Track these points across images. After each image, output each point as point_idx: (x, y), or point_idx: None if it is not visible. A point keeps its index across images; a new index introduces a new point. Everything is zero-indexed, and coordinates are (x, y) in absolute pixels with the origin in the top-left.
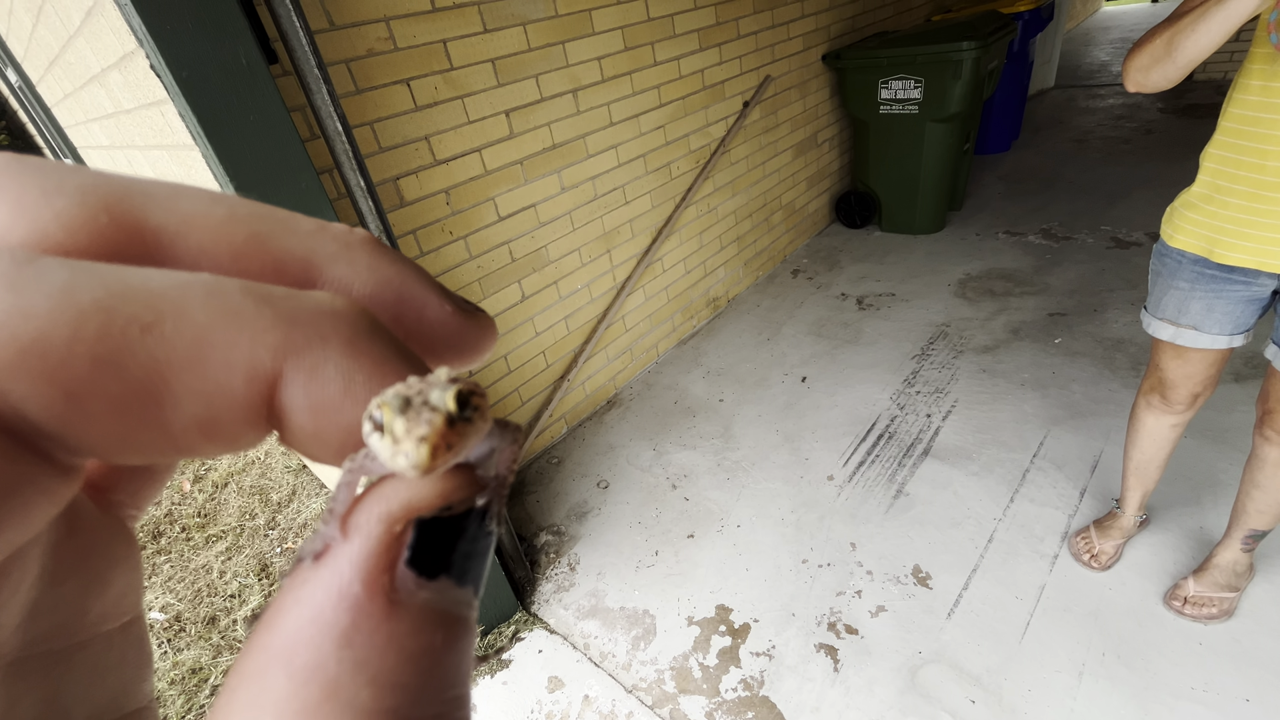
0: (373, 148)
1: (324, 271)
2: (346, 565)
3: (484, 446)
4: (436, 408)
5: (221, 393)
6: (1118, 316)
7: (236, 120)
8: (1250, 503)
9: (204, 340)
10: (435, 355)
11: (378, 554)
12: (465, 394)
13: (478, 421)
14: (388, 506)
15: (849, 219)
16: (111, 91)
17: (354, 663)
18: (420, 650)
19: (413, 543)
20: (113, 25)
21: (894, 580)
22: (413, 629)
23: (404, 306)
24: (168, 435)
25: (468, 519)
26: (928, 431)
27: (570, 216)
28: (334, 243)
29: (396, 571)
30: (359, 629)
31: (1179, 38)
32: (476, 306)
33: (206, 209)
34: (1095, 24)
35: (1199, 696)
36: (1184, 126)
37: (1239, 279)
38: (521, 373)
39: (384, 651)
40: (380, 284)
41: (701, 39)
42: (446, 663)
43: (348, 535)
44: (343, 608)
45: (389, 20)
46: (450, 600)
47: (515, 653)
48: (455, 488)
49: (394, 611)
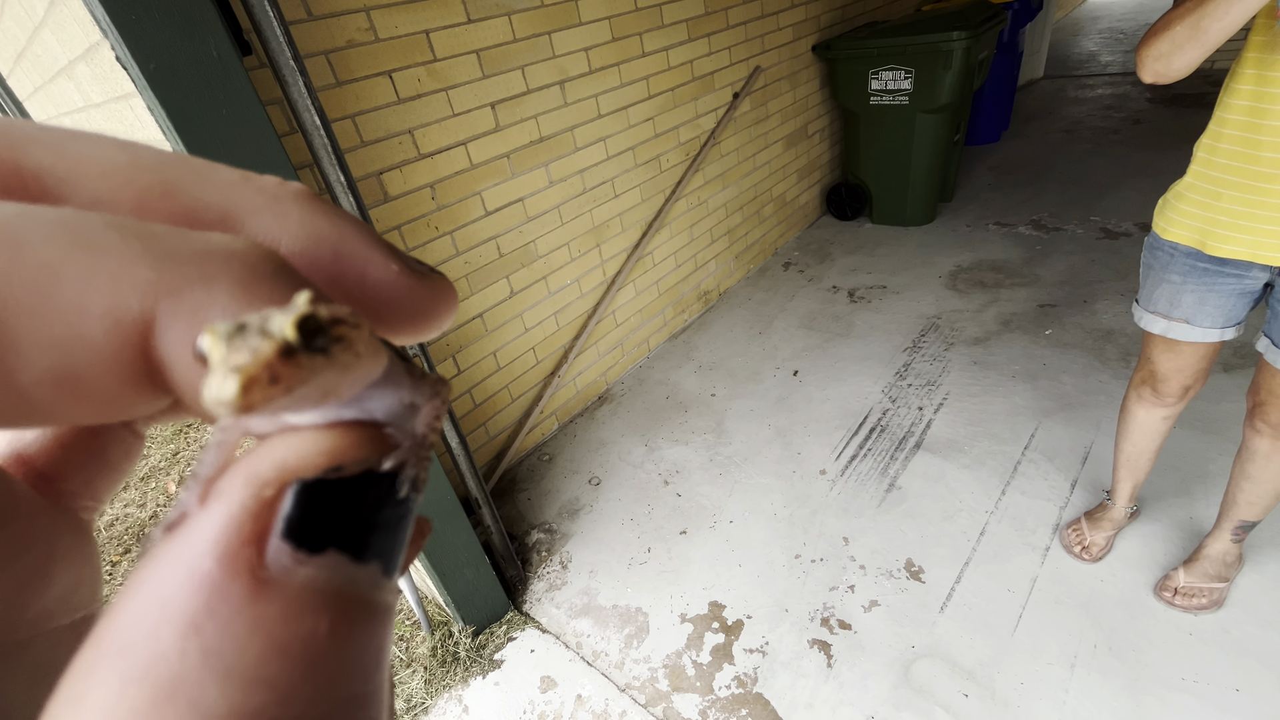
0: (354, 142)
1: (245, 226)
2: (199, 537)
3: (392, 400)
4: (270, 333)
5: (77, 341)
6: (1107, 308)
7: (208, 114)
8: (1240, 494)
9: (48, 278)
10: (383, 322)
11: (240, 523)
12: (320, 321)
13: (341, 356)
14: (256, 466)
15: (840, 211)
16: (80, 85)
17: (201, 654)
18: (296, 639)
19: (290, 510)
20: (76, 15)
21: (887, 574)
22: (286, 613)
23: (342, 266)
24: (18, 393)
25: (367, 483)
26: (920, 424)
27: (559, 211)
28: (259, 194)
29: (268, 544)
30: (212, 614)
31: (1206, 20)
32: (431, 268)
33: (104, 153)
34: (1084, 14)
35: (1190, 687)
36: (1172, 116)
37: (1231, 272)
38: (511, 369)
39: (244, 641)
40: (313, 240)
41: (690, 29)
42: (337, 654)
43: (206, 502)
44: (191, 588)
45: (369, 10)
46: (343, 579)
47: (507, 653)
48: (349, 445)
49: (261, 592)
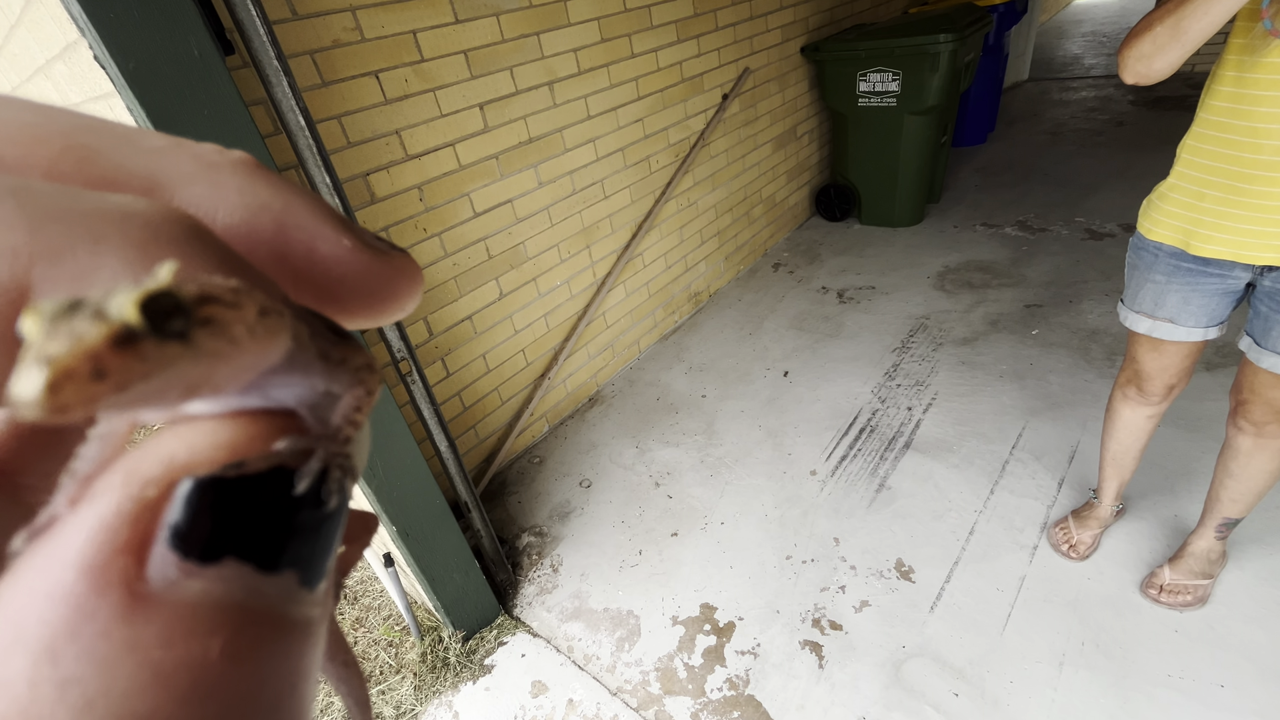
0: (341, 142)
1: (175, 195)
2: (64, 546)
3: (303, 387)
4: (105, 315)
5: None
6: (1092, 307)
7: (189, 114)
8: (1224, 491)
9: None
10: (336, 303)
11: (113, 529)
12: (179, 298)
13: (208, 343)
14: (139, 463)
15: (829, 212)
16: (58, 84)
17: (57, 684)
18: (179, 664)
19: (179, 514)
20: (53, 13)
21: (877, 575)
22: (168, 634)
23: (287, 240)
24: None
25: (276, 481)
26: (909, 424)
27: (548, 212)
28: (192, 161)
29: (150, 553)
30: (73, 636)
31: (1187, 20)
32: (391, 244)
33: (13, 115)
34: (1068, 17)
35: (1176, 684)
36: (1154, 118)
37: (1214, 271)
38: (501, 371)
39: (112, 668)
40: (254, 211)
41: (679, 30)
42: (234, 681)
43: (77, 504)
44: (49, 607)
45: (355, 10)
46: (245, 592)
47: (498, 657)
48: (250, 438)
49: (137, 609)
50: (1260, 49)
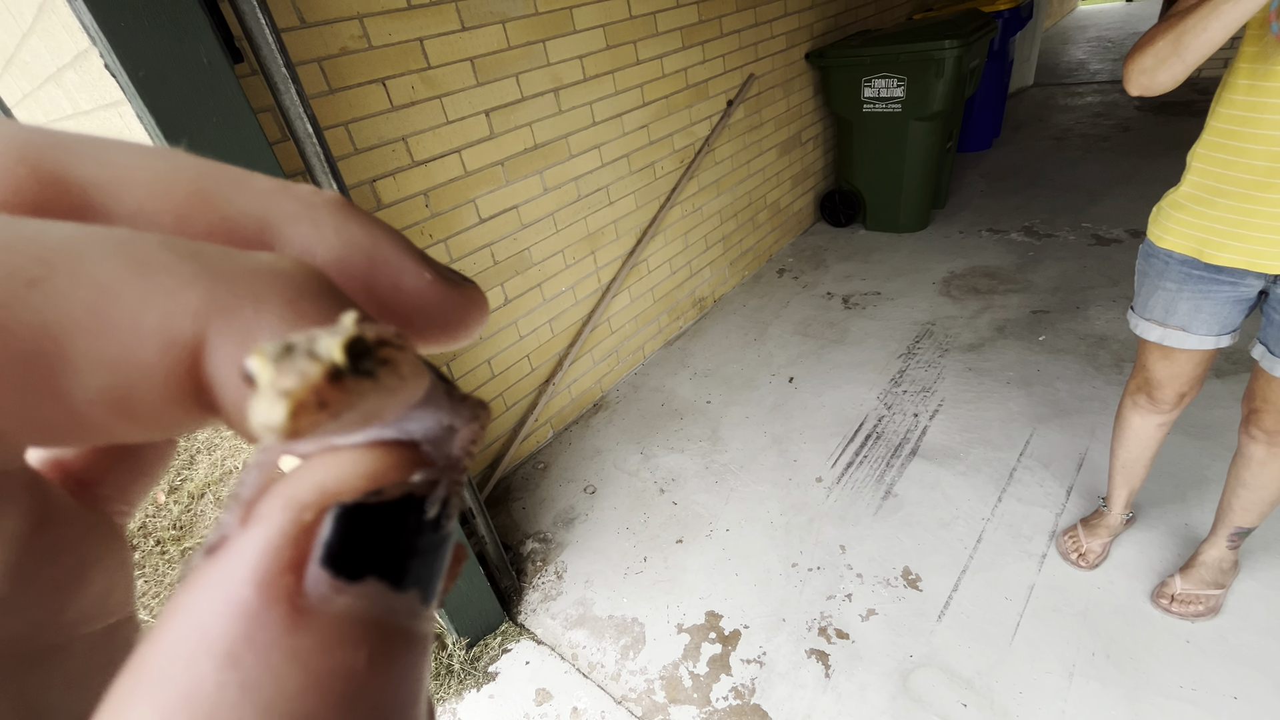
0: (347, 149)
1: (282, 233)
2: (239, 563)
3: (431, 421)
4: (318, 356)
5: (130, 361)
6: (1100, 313)
7: (198, 122)
8: (1236, 500)
9: (105, 299)
10: (415, 331)
11: (279, 549)
12: (367, 343)
13: (387, 380)
14: (295, 489)
15: (834, 217)
16: (68, 92)
17: (239, 687)
18: (333, 671)
19: (329, 535)
20: (65, 22)
21: (884, 583)
22: (323, 644)
23: (376, 274)
24: (71, 412)
25: (406, 507)
26: (915, 431)
27: (553, 218)
28: (295, 202)
29: (306, 571)
30: (250, 644)
31: (1187, 36)
32: (463, 276)
33: (145, 163)
34: (1072, 23)
35: (1188, 695)
36: (1160, 124)
37: (1226, 279)
38: (506, 377)
39: (282, 674)
40: (348, 248)
41: (684, 37)
42: (375, 688)
43: (247, 525)
44: (230, 617)
45: (363, 17)
46: (382, 608)
47: (502, 665)
48: (387, 468)
49: (299, 622)
50: (1272, 56)
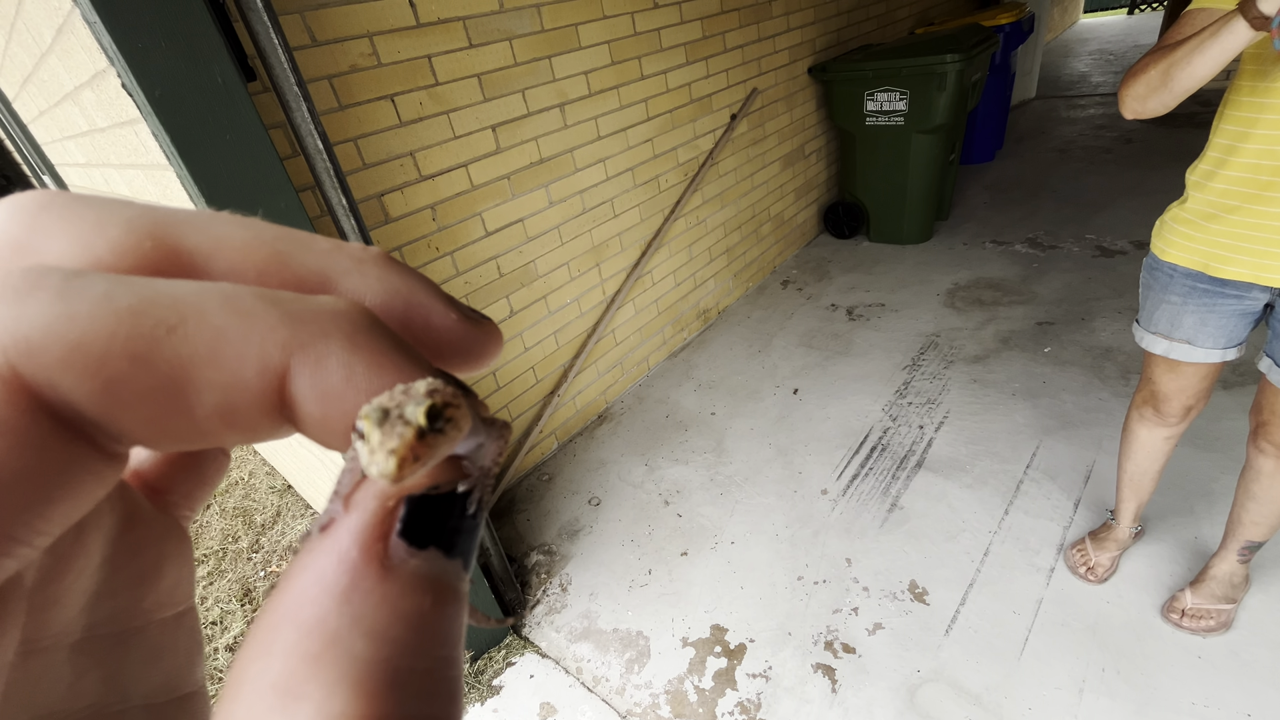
0: (356, 164)
1: (338, 284)
2: (346, 535)
3: (471, 441)
4: (409, 422)
5: (237, 384)
6: (1105, 325)
7: (212, 139)
8: (1245, 514)
9: (220, 338)
10: (443, 359)
11: (373, 525)
12: (438, 408)
13: (450, 432)
14: (382, 485)
15: (837, 229)
16: (85, 110)
17: (352, 618)
18: (411, 610)
19: (404, 516)
20: (84, 43)
21: (890, 596)
22: (404, 591)
23: (412, 314)
24: (193, 423)
25: (454, 499)
26: (920, 443)
27: (559, 231)
28: (348, 259)
29: (390, 541)
30: (356, 589)
31: (1174, 70)
32: (482, 315)
33: (234, 232)
34: (1073, 36)
35: (1200, 712)
36: (1162, 135)
37: (1231, 293)
38: (511, 388)
39: (378, 609)
40: (389, 294)
41: (688, 53)
42: (436, 624)
43: (349, 510)
44: (342, 570)
45: (372, 36)
46: (439, 569)
47: (506, 678)
48: (441, 471)
49: (387, 575)
50: (1274, 71)
